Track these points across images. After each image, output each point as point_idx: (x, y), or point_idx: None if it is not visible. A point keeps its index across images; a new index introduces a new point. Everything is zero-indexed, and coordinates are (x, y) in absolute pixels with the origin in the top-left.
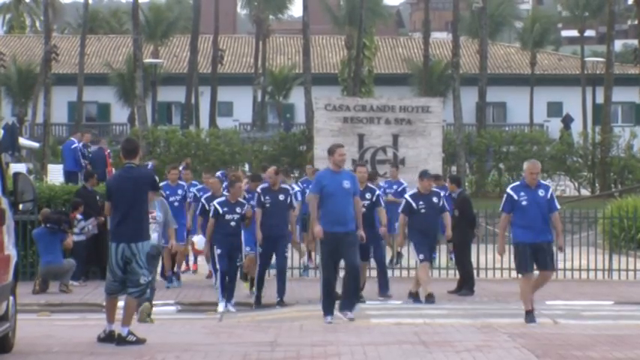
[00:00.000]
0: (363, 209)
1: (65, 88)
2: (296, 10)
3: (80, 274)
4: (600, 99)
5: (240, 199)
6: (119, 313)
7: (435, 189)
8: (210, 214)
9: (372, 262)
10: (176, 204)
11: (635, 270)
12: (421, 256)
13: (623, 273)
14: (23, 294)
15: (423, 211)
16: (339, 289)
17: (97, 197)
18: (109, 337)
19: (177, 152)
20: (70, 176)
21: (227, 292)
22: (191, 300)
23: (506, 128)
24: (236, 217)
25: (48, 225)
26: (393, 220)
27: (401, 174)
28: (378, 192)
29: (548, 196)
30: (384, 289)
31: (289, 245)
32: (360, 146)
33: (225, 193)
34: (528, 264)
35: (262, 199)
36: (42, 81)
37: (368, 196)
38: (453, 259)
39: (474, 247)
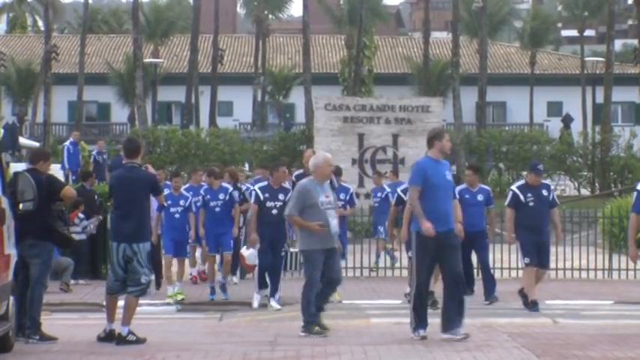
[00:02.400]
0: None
1: (65, 87)
2: (296, 9)
3: (80, 274)
4: (600, 99)
5: (285, 185)
6: (119, 313)
7: (543, 182)
8: (252, 201)
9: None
10: (217, 209)
11: (635, 270)
12: (526, 260)
13: (623, 273)
14: None
15: (531, 204)
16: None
17: (95, 196)
18: (109, 337)
19: (178, 152)
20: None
21: (271, 286)
22: (191, 300)
23: (506, 128)
24: (279, 204)
25: None
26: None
27: (401, 174)
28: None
29: None
30: (489, 292)
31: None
32: (360, 146)
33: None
34: None
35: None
36: (42, 80)
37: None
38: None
39: None
